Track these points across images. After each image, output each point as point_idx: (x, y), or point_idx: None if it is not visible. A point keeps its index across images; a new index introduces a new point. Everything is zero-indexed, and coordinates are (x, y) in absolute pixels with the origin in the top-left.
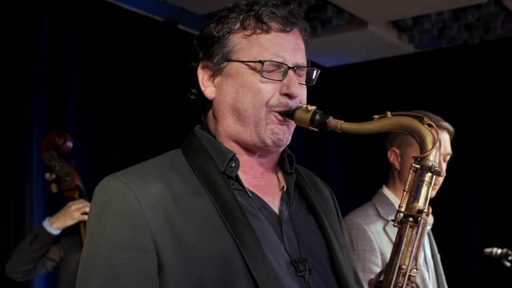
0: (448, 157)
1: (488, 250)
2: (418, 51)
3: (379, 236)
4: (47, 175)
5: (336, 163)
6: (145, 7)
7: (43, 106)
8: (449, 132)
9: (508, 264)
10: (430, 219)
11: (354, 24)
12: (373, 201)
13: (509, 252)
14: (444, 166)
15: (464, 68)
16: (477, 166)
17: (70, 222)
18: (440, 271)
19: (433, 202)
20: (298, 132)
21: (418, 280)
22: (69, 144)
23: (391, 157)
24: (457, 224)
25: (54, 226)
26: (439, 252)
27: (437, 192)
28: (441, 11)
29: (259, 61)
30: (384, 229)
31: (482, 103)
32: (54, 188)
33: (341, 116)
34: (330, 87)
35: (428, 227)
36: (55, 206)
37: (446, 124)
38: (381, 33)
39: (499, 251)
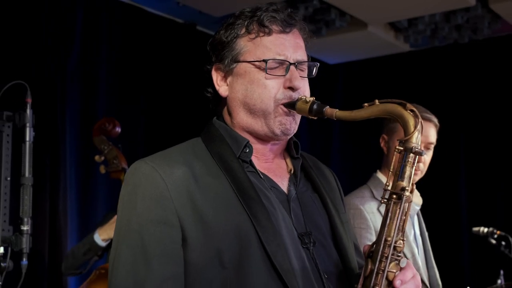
0: (431, 146)
1: (475, 229)
2: (413, 49)
3: (373, 215)
4: (96, 157)
5: (338, 152)
6: (167, 10)
7: (76, 100)
8: (434, 124)
9: (493, 241)
10: (419, 200)
11: (355, 25)
12: (368, 184)
13: (495, 231)
14: (430, 153)
15: (454, 65)
16: (467, 149)
17: None
18: (427, 248)
19: (424, 182)
20: (304, 125)
21: (409, 255)
22: (118, 129)
23: (382, 143)
24: (448, 204)
25: (102, 237)
26: (430, 230)
27: (428, 173)
28: (433, 14)
29: (263, 60)
30: (378, 209)
31: (470, 96)
32: (102, 169)
33: (344, 106)
34: (334, 81)
35: (417, 208)
36: (85, 189)
37: (431, 116)
38: (379, 33)
39: (486, 229)
